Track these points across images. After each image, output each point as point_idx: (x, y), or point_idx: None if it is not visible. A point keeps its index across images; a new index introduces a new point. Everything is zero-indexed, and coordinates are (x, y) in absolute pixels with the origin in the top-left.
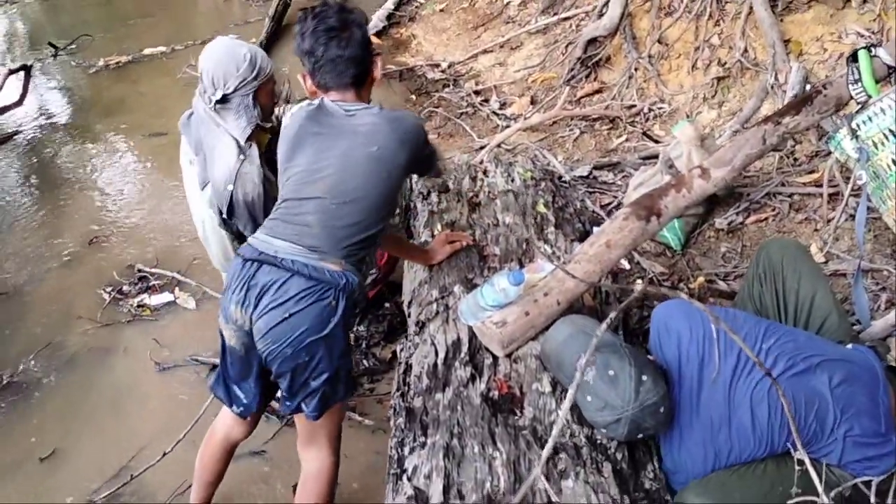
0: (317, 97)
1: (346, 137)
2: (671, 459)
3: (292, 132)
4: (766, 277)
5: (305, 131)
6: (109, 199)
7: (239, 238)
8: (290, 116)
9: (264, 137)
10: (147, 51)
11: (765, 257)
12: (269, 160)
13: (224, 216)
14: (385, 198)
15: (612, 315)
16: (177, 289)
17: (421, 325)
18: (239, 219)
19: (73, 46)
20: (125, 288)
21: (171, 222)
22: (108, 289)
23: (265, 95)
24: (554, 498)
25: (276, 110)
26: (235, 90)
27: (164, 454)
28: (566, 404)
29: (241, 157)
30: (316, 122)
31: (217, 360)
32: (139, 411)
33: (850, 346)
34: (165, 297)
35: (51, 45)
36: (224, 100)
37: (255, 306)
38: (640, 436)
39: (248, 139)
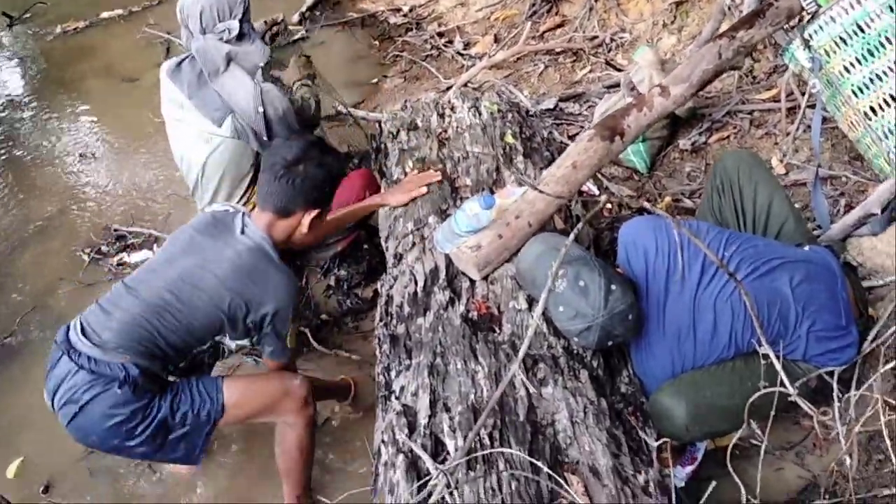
0: None
1: (215, 253)
2: (641, 367)
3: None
4: (723, 189)
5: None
6: (77, 163)
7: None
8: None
9: None
10: (104, 14)
11: (721, 170)
12: None
13: (265, 138)
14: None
15: (580, 225)
16: (155, 245)
17: (399, 258)
18: (279, 135)
19: (28, 15)
20: (104, 248)
21: (141, 180)
22: (87, 250)
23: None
24: (532, 391)
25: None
26: (244, 15)
27: None
28: (538, 309)
29: (257, 80)
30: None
31: None
32: None
33: (807, 247)
34: (144, 253)
35: (4, 14)
36: (239, 35)
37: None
38: (610, 343)
39: (268, 64)
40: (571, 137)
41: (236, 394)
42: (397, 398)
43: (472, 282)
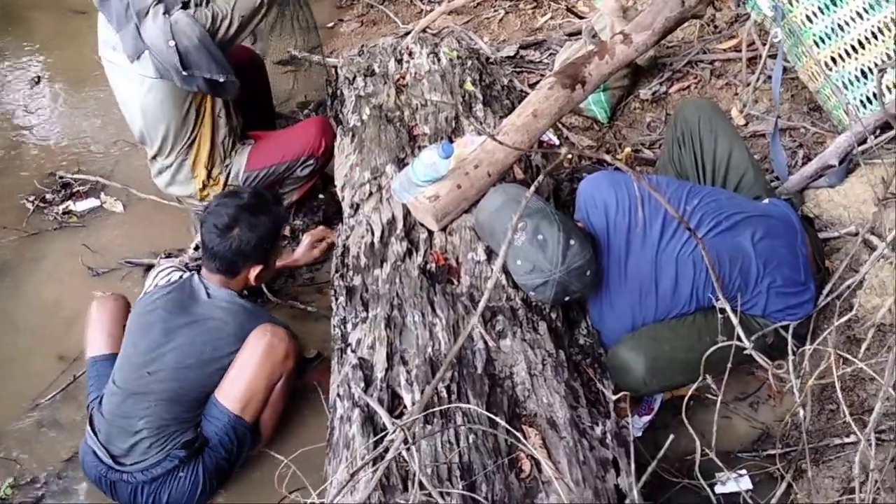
0: None
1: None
2: (600, 321)
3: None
4: (684, 140)
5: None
6: (19, 110)
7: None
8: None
9: None
10: None
11: (682, 121)
12: None
13: (184, 73)
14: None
15: (541, 178)
16: (102, 193)
17: (355, 208)
18: (199, 67)
19: None
20: (48, 196)
21: (87, 127)
22: (31, 198)
23: None
24: (491, 344)
25: None
26: None
27: None
28: (499, 262)
29: (168, 15)
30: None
31: (151, 261)
32: (76, 316)
33: (766, 200)
34: (91, 202)
35: None
36: None
37: None
38: (567, 298)
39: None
40: (532, 86)
41: (237, 398)
42: (353, 351)
43: (431, 233)
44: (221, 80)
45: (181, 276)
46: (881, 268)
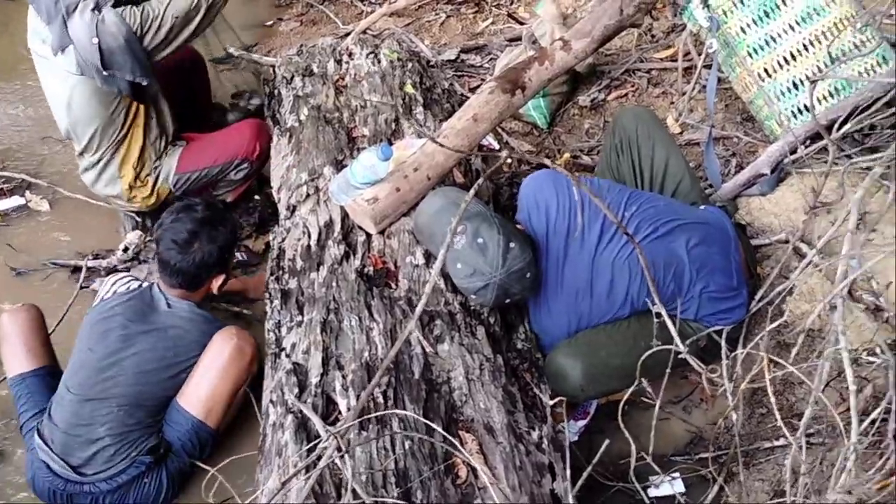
0: None
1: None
2: (538, 324)
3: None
4: (622, 147)
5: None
6: None
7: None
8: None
9: None
10: None
11: (620, 128)
12: None
13: (105, 73)
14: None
15: (480, 181)
16: (27, 191)
17: (292, 210)
18: (121, 68)
19: None
20: None
21: (12, 122)
22: None
23: None
24: (428, 349)
25: None
26: None
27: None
28: (437, 265)
29: (98, 12)
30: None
31: (77, 262)
32: None
33: (702, 207)
34: (16, 200)
35: None
36: None
37: None
38: (508, 301)
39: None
40: (472, 90)
41: (201, 402)
42: (287, 356)
43: (369, 236)
44: (144, 83)
45: (140, 286)
46: (810, 275)
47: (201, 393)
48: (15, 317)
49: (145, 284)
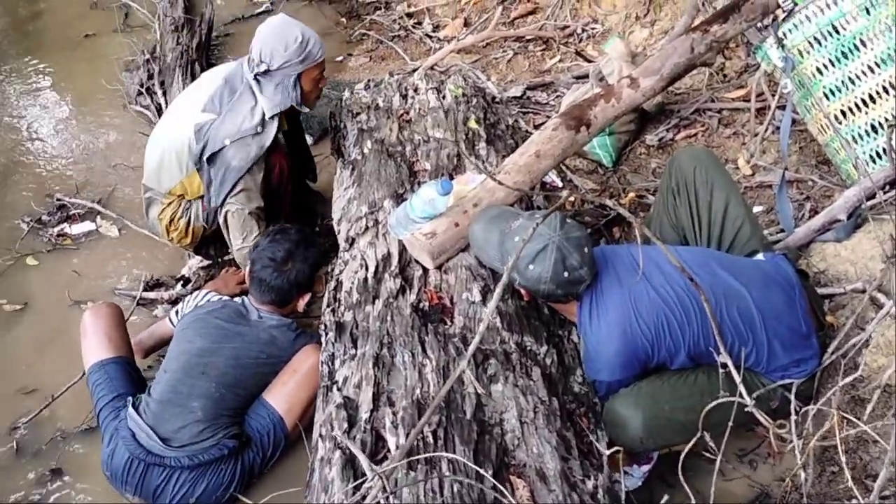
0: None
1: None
2: (593, 342)
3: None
4: (678, 191)
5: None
6: (24, 129)
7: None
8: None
9: (283, 124)
10: None
11: (676, 169)
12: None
13: (204, 158)
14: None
15: (550, 210)
16: (98, 217)
17: (351, 242)
18: (215, 174)
19: None
20: (44, 217)
21: (88, 149)
22: (27, 219)
23: (309, 81)
24: (480, 390)
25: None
26: (279, 68)
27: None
28: (500, 286)
29: (259, 129)
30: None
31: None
32: (60, 345)
33: (761, 255)
34: (87, 225)
35: None
36: (266, 73)
37: None
38: (566, 275)
39: (273, 117)
40: (537, 127)
41: (284, 400)
42: (339, 389)
43: (426, 270)
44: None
45: (231, 299)
46: (888, 326)
47: (285, 392)
48: (97, 312)
49: (238, 298)
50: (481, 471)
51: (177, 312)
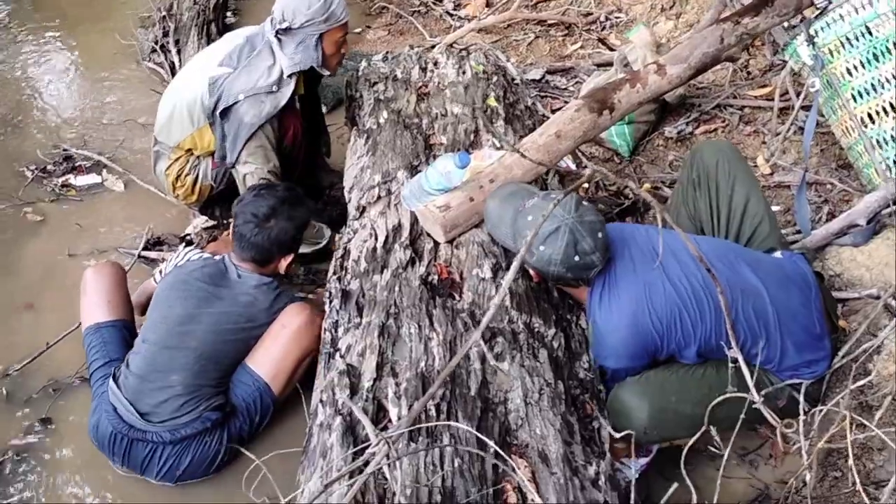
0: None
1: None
2: (602, 322)
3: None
4: (699, 182)
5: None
6: (34, 80)
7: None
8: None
9: (300, 87)
10: None
11: (698, 161)
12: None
13: (217, 112)
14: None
15: (568, 189)
16: (104, 171)
17: (361, 210)
18: (229, 129)
19: None
20: (49, 167)
21: (100, 105)
22: (32, 167)
23: (331, 43)
24: (493, 362)
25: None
26: (301, 27)
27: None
28: (515, 264)
29: (274, 87)
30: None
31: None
32: (57, 295)
33: (779, 252)
34: (92, 178)
35: None
36: (287, 31)
37: None
38: (577, 259)
39: (292, 76)
40: (554, 111)
41: (270, 365)
42: (342, 356)
43: (437, 244)
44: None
45: (211, 257)
46: None
47: (270, 357)
48: (99, 271)
49: (218, 256)
50: (487, 440)
51: (160, 272)
